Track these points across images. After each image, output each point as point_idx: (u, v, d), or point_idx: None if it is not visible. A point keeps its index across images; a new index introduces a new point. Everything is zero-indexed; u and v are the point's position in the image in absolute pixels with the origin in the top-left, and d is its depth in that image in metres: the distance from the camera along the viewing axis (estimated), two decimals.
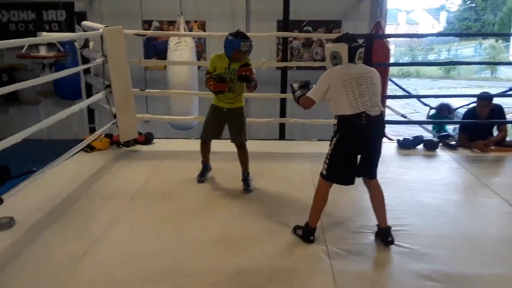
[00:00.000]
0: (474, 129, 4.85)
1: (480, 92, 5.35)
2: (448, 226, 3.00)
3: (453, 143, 4.82)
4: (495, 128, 4.92)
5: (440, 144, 4.83)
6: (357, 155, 2.68)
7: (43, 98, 7.27)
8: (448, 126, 6.45)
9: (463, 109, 6.32)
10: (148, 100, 6.73)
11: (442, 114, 6.33)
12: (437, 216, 3.14)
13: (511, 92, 6.76)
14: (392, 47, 23.64)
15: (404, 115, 6.41)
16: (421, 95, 9.31)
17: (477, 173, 4.02)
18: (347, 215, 3.12)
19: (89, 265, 2.47)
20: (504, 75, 20.99)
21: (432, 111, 6.51)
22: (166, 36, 6.32)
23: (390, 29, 28.50)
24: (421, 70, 22.64)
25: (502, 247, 2.75)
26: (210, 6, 6.83)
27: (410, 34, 17.50)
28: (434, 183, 3.79)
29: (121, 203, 3.30)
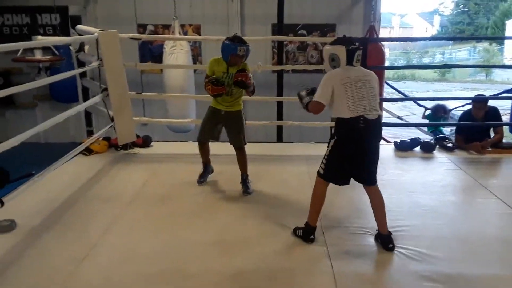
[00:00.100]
0: (471, 131, 4.87)
1: (475, 95, 5.40)
2: (446, 228, 3.01)
3: (450, 145, 4.84)
4: (492, 130, 4.95)
5: (437, 146, 4.86)
6: (355, 157, 2.69)
7: (40, 102, 7.24)
8: (444, 128, 6.50)
9: (458, 110, 6.37)
10: (145, 104, 6.73)
11: (438, 115, 6.37)
12: (435, 218, 3.15)
13: (506, 95, 6.81)
14: (387, 50, 23.79)
15: (400, 117, 6.44)
16: (418, 98, 9.36)
17: (474, 175, 4.04)
18: (347, 217, 3.13)
19: (88, 268, 2.46)
20: (499, 78, 21.20)
21: (428, 112, 6.55)
22: (162, 40, 6.33)
23: (384, 33, 28.71)
24: (417, 73, 22.81)
25: (500, 248, 2.77)
26: (205, 10, 6.86)
27: (404, 38, 17.70)
28: (432, 185, 3.81)
29: (120, 206, 3.29)
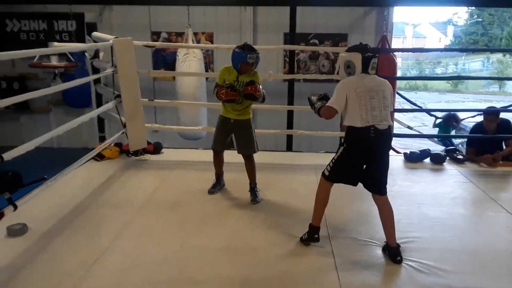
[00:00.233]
0: (482, 144, 4.84)
1: (487, 107, 5.37)
2: (456, 240, 2.99)
3: (461, 157, 4.81)
4: (504, 143, 4.90)
5: (447, 158, 4.83)
6: (363, 165, 2.71)
7: (53, 107, 7.36)
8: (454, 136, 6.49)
9: (469, 121, 6.39)
10: (157, 110, 6.81)
11: (449, 124, 6.38)
12: (444, 230, 3.14)
13: None
14: (399, 60, 23.68)
15: (410, 127, 6.43)
16: (430, 109, 9.33)
17: (485, 188, 4.01)
18: (355, 227, 3.12)
19: (99, 273, 2.49)
20: None
21: (439, 120, 6.57)
22: (175, 48, 6.40)
23: (397, 43, 28.59)
24: (429, 84, 22.70)
25: (510, 261, 2.74)
26: (218, 18, 6.92)
27: (416, 49, 17.58)
28: (441, 197, 3.79)
29: (130, 212, 3.34)
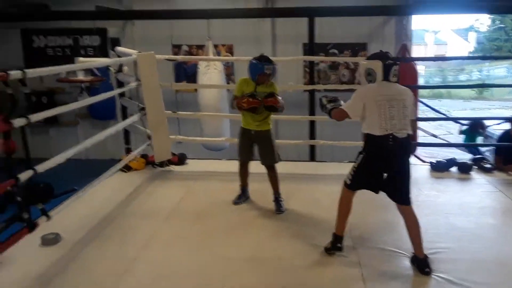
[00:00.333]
0: (510, 152, 4.74)
1: None
2: (485, 251, 2.93)
3: (488, 166, 4.71)
4: None
5: (475, 167, 4.73)
6: (383, 173, 2.69)
7: (81, 120, 7.57)
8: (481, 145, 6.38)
9: (494, 128, 6.30)
10: (180, 122, 6.90)
11: (475, 131, 6.31)
12: (473, 240, 3.08)
13: None
14: (422, 68, 23.29)
15: (435, 135, 6.38)
16: (456, 118, 9.18)
17: None
18: (382, 238, 3.10)
19: (128, 283, 2.55)
20: None
21: (465, 127, 6.51)
22: (196, 60, 6.52)
23: (418, 50, 28.18)
24: (453, 91, 22.36)
25: None
26: (237, 30, 7.01)
27: (435, 58, 17.30)
28: (469, 207, 3.72)
29: (157, 222, 3.40)
